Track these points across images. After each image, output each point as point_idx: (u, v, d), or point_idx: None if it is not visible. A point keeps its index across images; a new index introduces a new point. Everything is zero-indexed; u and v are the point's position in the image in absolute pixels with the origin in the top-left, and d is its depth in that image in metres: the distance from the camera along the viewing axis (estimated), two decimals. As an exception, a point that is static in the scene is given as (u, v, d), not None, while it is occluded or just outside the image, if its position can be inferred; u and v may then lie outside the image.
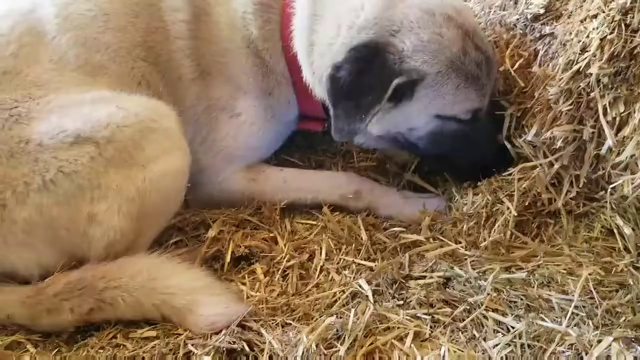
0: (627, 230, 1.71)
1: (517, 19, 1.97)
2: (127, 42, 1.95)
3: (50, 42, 1.88)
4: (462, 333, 1.53)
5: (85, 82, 1.87)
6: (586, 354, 1.40)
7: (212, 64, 2.03)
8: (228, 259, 1.90)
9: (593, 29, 1.67)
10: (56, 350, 1.62)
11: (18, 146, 1.70)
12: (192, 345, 1.55)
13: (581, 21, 1.72)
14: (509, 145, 1.92)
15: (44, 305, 1.67)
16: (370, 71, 1.76)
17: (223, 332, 1.58)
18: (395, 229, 1.99)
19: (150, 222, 1.85)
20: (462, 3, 1.95)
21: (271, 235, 2.00)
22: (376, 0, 1.84)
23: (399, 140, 2.01)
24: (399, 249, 1.89)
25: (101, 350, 1.59)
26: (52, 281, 1.69)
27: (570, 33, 1.74)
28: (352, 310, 1.59)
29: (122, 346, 1.61)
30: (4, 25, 1.87)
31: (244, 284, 1.84)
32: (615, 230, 1.76)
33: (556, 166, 1.79)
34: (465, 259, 1.77)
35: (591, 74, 1.66)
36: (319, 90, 1.97)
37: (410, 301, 1.65)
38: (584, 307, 1.55)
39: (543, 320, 1.51)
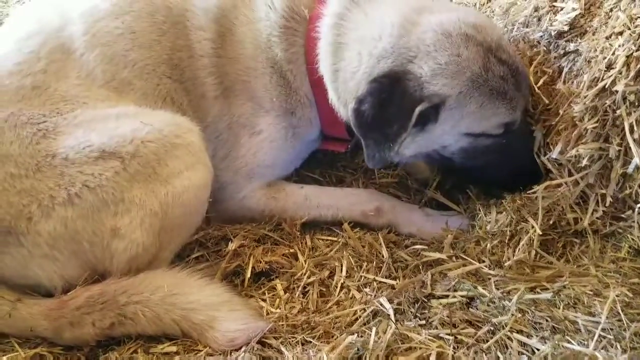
0: (655, 251, 1.68)
1: (541, 36, 1.96)
2: (153, 59, 1.99)
3: (79, 58, 1.93)
4: (485, 355, 1.50)
5: (112, 98, 1.91)
6: (614, 377, 1.36)
7: (235, 82, 2.05)
8: (248, 274, 1.90)
9: (619, 45, 1.65)
10: (77, 363, 1.63)
11: (45, 160, 1.73)
12: (212, 361, 1.55)
13: (606, 38, 1.70)
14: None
15: (66, 319, 1.68)
16: (392, 101, 1.78)
17: (243, 349, 1.58)
18: (417, 246, 1.97)
19: (172, 236, 1.86)
20: (484, 18, 1.93)
21: (291, 251, 2.00)
22: (392, 28, 1.85)
23: (433, 156, 2.01)
24: (420, 267, 1.88)
25: (122, 365, 1.60)
26: (75, 294, 1.71)
27: (595, 50, 1.72)
28: (373, 329, 1.57)
29: (142, 361, 1.61)
30: (34, 42, 1.92)
31: (264, 300, 1.84)
32: (643, 251, 1.72)
33: (582, 184, 1.76)
34: (489, 279, 1.74)
35: (617, 92, 1.64)
36: (344, 113, 1.99)
37: (433, 321, 1.62)
38: (611, 329, 1.50)
39: (569, 342, 1.47)
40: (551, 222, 1.82)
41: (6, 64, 1.87)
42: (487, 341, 1.52)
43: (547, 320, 1.56)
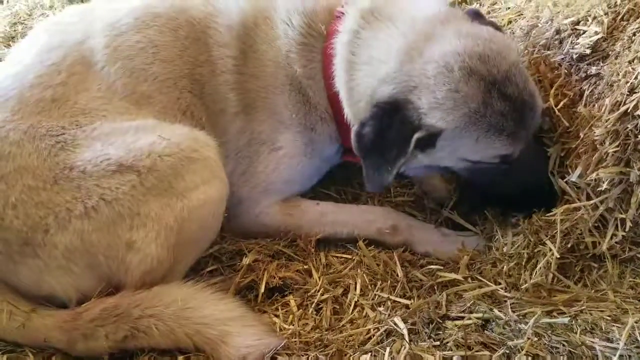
0: (675, 278, 1.65)
1: (562, 59, 1.95)
2: (174, 73, 2.01)
3: (99, 71, 1.94)
4: (501, 379, 1.49)
5: (131, 111, 1.92)
6: (633, 406, 1.34)
7: (256, 99, 2.06)
8: (262, 289, 1.89)
9: (641, 70, 1.65)
10: (90, 375, 1.64)
11: (62, 173, 1.75)
12: (224, 378, 1.55)
13: (629, 62, 1.69)
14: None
15: (80, 330, 1.69)
16: (392, 127, 1.79)
17: (255, 365, 1.58)
18: (432, 266, 1.96)
19: (187, 250, 1.87)
20: (498, 44, 1.83)
21: (306, 267, 1.99)
22: (398, 54, 1.84)
23: (440, 169, 2.01)
24: (435, 287, 1.86)
25: (134, 378, 1.60)
26: (89, 307, 1.72)
27: (618, 74, 1.71)
28: (387, 349, 1.57)
29: (155, 375, 1.61)
30: (55, 55, 1.93)
31: (277, 316, 1.83)
32: (663, 277, 1.70)
33: (601, 209, 1.74)
34: (505, 301, 1.72)
35: (639, 116, 1.62)
36: None
37: (447, 342, 1.60)
38: (629, 356, 1.48)
39: (587, 368, 1.45)
40: (569, 245, 1.80)
41: (28, 76, 1.89)
42: (503, 365, 1.51)
43: (563, 345, 1.54)
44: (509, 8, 2.47)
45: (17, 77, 1.89)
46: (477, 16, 1.95)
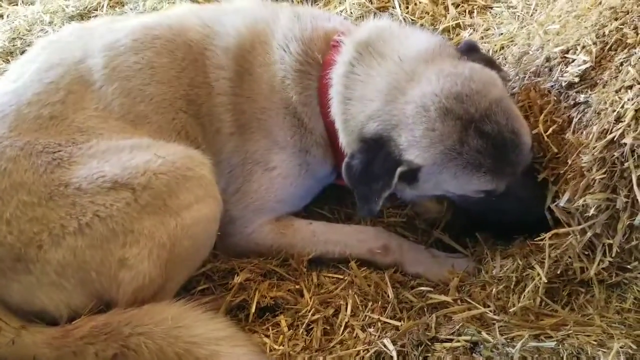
0: (661, 304, 1.67)
1: (552, 86, 1.98)
2: (170, 94, 2.03)
3: (97, 90, 1.96)
4: (489, 402, 1.50)
5: (127, 130, 1.94)
6: None
7: (251, 120, 2.08)
8: (253, 309, 1.90)
9: (628, 99, 1.68)
10: (79, 393, 1.63)
11: (57, 189, 1.76)
12: (214, 398, 1.55)
13: (616, 91, 1.73)
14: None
15: (69, 348, 1.69)
16: (377, 161, 1.85)
17: (245, 386, 1.58)
18: (423, 288, 1.97)
19: (179, 268, 1.87)
20: (479, 81, 1.83)
21: (297, 287, 2.00)
22: (382, 93, 1.89)
23: (433, 196, 2.04)
24: (425, 309, 1.88)
25: (124, 397, 1.60)
26: (79, 324, 1.72)
27: (605, 102, 1.74)
28: (377, 371, 1.58)
29: (144, 394, 1.61)
30: (54, 73, 1.96)
31: (267, 336, 1.84)
32: (648, 303, 1.72)
33: (589, 234, 1.76)
34: (494, 324, 1.73)
35: (625, 144, 1.65)
36: None
37: (436, 365, 1.62)
38: (615, 382, 1.50)
39: (573, 394, 1.47)
40: (558, 271, 1.82)
41: (26, 93, 1.91)
42: (491, 389, 1.52)
43: (550, 369, 1.56)
44: (501, 34, 2.52)
45: (15, 94, 1.92)
46: (469, 50, 2.00)
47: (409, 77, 1.88)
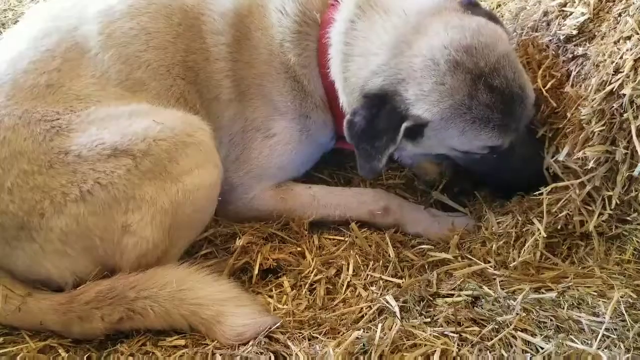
0: (660, 253, 1.69)
1: (550, 40, 1.98)
2: (167, 60, 2.01)
3: (93, 58, 1.95)
4: (490, 352, 1.52)
5: (126, 97, 1.93)
6: (618, 376, 1.38)
7: (250, 86, 2.07)
8: (256, 271, 1.92)
9: (627, 50, 1.67)
10: (87, 355, 1.66)
11: (57, 157, 1.76)
12: (220, 355, 1.58)
13: (614, 42, 1.72)
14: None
15: (75, 313, 1.71)
16: (382, 116, 1.82)
17: (250, 343, 1.61)
18: (423, 246, 1.99)
19: (182, 233, 1.88)
20: (487, 35, 1.82)
21: (299, 249, 2.02)
22: (387, 47, 1.87)
23: (433, 157, 2.03)
24: (426, 266, 1.89)
25: (131, 357, 1.63)
26: (85, 289, 1.73)
27: (604, 54, 1.74)
28: (379, 326, 1.60)
29: (151, 354, 1.64)
30: (50, 41, 1.94)
31: (271, 296, 1.86)
32: (648, 253, 1.73)
33: (588, 187, 1.77)
34: (494, 279, 1.75)
35: (624, 95, 1.65)
36: None
37: (438, 319, 1.64)
38: (615, 329, 1.52)
39: (573, 341, 1.48)
40: (558, 226, 1.83)
41: (22, 62, 1.89)
42: (492, 339, 1.54)
43: (551, 320, 1.58)
44: (498, -9, 2.50)
45: (11, 63, 1.90)
46: (471, 5, 1.96)
47: (415, 30, 1.85)
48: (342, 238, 2.07)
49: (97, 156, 1.77)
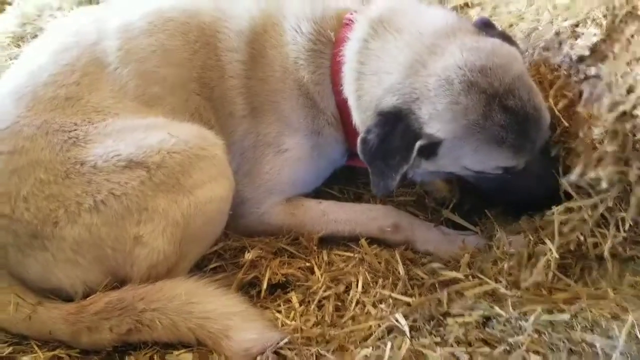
0: (675, 276, 1.66)
1: (562, 60, 1.97)
2: (184, 76, 2.05)
3: (112, 72, 1.99)
4: (501, 373, 1.50)
5: (142, 111, 1.96)
6: (632, 401, 1.34)
7: (264, 102, 2.10)
8: (265, 285, 1.92)
9: (639, 71, 1.67)
10: (94, 366, 1.66)
11: (74, 167, 1.79)
12: (227, 369, 1.56)
13: (627, 63, 1.72)
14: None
15: (84, 323, 1.72)
16: (395, 134, 1.83)
17: (258, 358, 1.60)
18: (434, 265, 1.97)
19: (193, 246, 1.90)
20: (502, 56, 1.84)
21: (308, 265, 2.01)
22: (402, 66, 1.88)
23: (446, 175, 2.03)
24: (437, 285, 1.87)
25: (138, 369, 1.62)
26: (94, 300, 1.74)
27: (616, 74, 1.73)
28: (389, 344, 1.58)
29: (158, 366, 1.63)
30: (70, 55, 1.99)
31: (279, 312, 1.85)
32: (662, 276, 1.70)
33: (600, 208, 1.75)
34: (506, 299, 1.72)
35: (637, 116, 1.64)
36: None
37: (448, 339, 1.61)
38: (629, 353, 1.48)
39: (586, 364, 1.46)
40: (571, 247, 1.80)
41: (42, 75, 1.94)
42: (503, 360, 1.51)
43: (564, 342, 1.54)
44: (510, 12, 2.49)
45: (31, 76, 1.95)
46: (486, 26, 1.98)
47: (430, 50, 1.87)
48: (352, 254, 2.06)
49: (112, 167, 1.79)
